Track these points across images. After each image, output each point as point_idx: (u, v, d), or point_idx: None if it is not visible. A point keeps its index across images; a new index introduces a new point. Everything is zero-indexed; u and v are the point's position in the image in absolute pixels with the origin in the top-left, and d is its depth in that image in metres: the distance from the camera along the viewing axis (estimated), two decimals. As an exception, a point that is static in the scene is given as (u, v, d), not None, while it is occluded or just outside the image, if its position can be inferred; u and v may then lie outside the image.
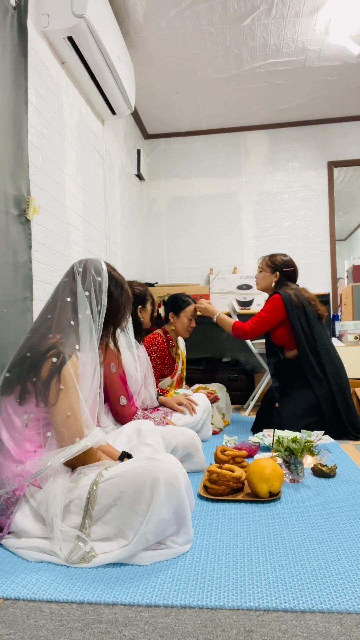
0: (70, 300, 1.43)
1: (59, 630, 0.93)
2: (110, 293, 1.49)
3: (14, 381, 1.35)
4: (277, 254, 2.91)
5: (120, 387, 2.01)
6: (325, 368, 2.64)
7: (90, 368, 1.39)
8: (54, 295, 1.47)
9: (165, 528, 1.21)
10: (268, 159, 4.54)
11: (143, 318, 2.40)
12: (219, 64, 3.46)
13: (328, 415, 2.57)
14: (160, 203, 4.68)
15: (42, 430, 1.32)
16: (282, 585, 1.07)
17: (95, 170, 3.08)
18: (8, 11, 1.93)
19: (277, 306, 2.72)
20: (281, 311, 2.71)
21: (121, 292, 1.54)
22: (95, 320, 1.43)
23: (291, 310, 2.68)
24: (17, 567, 1.19)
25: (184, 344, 3.05)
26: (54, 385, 1.30)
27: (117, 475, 1.23)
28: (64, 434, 1.29)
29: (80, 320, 1.40)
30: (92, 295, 1.44)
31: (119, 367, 2.03)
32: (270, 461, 1.64)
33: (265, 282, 2.89)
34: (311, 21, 3.02)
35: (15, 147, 1.95)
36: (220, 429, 2.87)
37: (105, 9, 2.53)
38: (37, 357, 1.33)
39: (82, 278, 1.45)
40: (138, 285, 2.42)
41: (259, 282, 2.94)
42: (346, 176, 5.43)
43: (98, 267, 1.48)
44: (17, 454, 1.31)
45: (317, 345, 2.67)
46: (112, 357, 2.00)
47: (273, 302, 2.74)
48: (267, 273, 2.87)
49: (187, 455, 1.92)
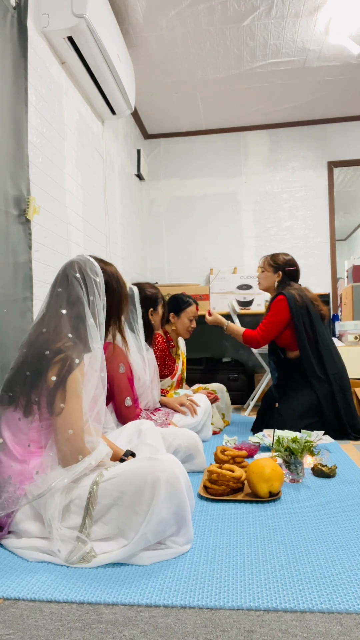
0: (67, 312, 1.37)
1: (59, 630, 0.93)
2: (110, 288, 1.48)
3: (17, 398, 1.33)
4: (279, 253, 2.88)
5: (127, 388, 1.99)
6: (327, 369, 2.63)
7: (98, 372, 1.37)
8: (47, 308, 1.41)
9: (166, 528, 1.21)
10: (268, 159, 4.54)
11: (154, 321, 2.39)
12: (219, 64, 3.46)
13: (328, 415, 2.57)
14: (160, 203, 4.68)
15: (45, 432, 1.32)
16: (282, 585, 1.07)
17: (95, 170, 3.08)
18: (8, 11, 1.93)
19: (282, 308, 2.69)
20: (286, 312, 2.68)
21: (117, 282, 1.52)
22: (101, 323, 1.40)
23: (295, 311, 2.66)
24: (17, 567, 1.19)
25: (184, 344, 3.04)
26: (59, 398, 1.28)
27: (117, 475, 1.23)
28: (66, 453, 1.27)
29: (88, 327, 1.37)
30: (96, 299, 1.40)
31: (127, 368, 2.02)
32: (270, 461, 1.64)
33: (268, 282, 2.86)
34: (311, 21, 3.02)
35: (15, 147, 1.95)
36: (220, 429, 2.87)
37: (105, 9, 2.53)
38: (38, 371, 1.30)
39: (85, 286, 1.39)
40: (150, 287, 2.40)
41: (261, 282, 2.91)
42: (346, 176, 5.43)
43: (92, 266, 1.43)
44: (20, 454, 1.30)
45: (319, 346, 2.65)
46: (121, 358, 1.98)
47: (278, 305, 2.71)
48: (270, 273, 2.84)
49: (188, 456, 1.92)
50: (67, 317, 1.37)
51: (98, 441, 1.35)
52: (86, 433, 1.32)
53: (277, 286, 2.82)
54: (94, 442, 1.33)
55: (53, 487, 1.22)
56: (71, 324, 1.36)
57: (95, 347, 1.37)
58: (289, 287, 2.77)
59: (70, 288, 1.39)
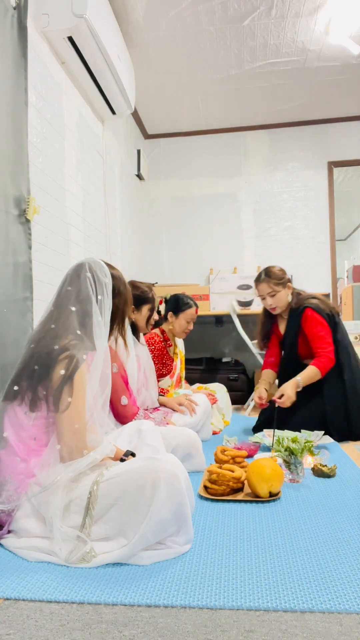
0: (76, 309, 1.40)
1: (59, 630, 0.93)
2: (117, 291, 1.50)
3: (24, 392, 1.34)
4: (269, 269, 2.67)
5: (122, 387, 2.01)
6: (344, 374, 2.56)
7: (101, 371, 1.38)
8: (55, 304, 1.44)
9: (166, 528, 1.21)
10: (268, 159, 4.54)
11: (135, 319, 2.35)
12: (219, 64, 3.46)
13: (336, 422, 2.49)
14: (160, 203, 4.68)
15: (48, 429, 1.32)
16: (282, 585, 1.07)
17: (95, 170, 3.08)
18: (8, 11, 1.93)
19: (320, 319, 2.56)
20: (325, 321, 2.57)
21: (124, 285, 1.56)
22: (107, 322, 1.43)
23: (328, 320, 2.58)
24: (17, 567, 1.19)
25: (182, 343, 3.04)
26: (66, 392, 1.29)
27: (118, 475, 1.23)
28: (72, 447, 1.28)
29: (94, 325, 1.40)
30: (104, 298, 1.43)
31: (120, 367, 2.03)
32: (270, 461, 1.64)
33: (284, 300, 2.65)
34: (311, 21, 3.02)
35: (15, 147, 1.95)
36: (220, 429, 2.87)
37: (105, 9, 2.53)
38: (46, 365, 1.32)
39: (95, 285, 1.43)
40: (140, 287, 2.36)
41: (276, 305, 2.65)
42: (346, 176, 5.43)
43: (102, 268, 1.48)
44: (22, 452, 1.31)
45: (339, 350, 2.58)
46: (113, 358, 2.00)
47: (313, 319, 2.56)
48: (282, 290, 2.63)
49: (187, 455, 1.91)
50: (76, 314, 1.40)
51: (102, 438, 1.35)
52: (90, 431, 1.33)
53: (290, 299, 2.67)
54: (98, 440, 1.34)
55: (58, 480, 1.23)
56: (79, 320, 1.40)
57: (100, 344, 1.39)
58: (300, 296, 2.66)
59: (81, 286, 1.43)
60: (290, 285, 2.68)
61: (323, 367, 2.49)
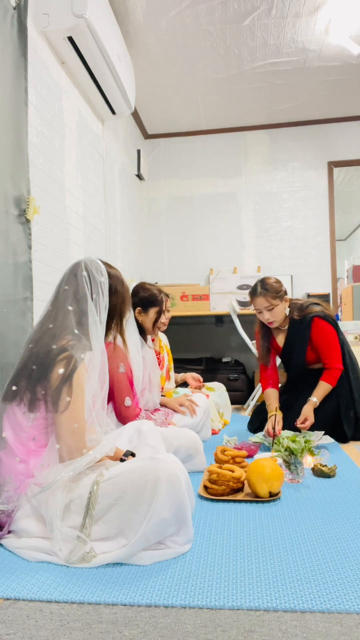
0: (74, 308, 1.41)
1: (59, 630, 0.93)
2: (114, 290, 1.51)
3: (22, 392, 1.34)
4: (266, 280, 2.56)
5: (127, 387, 2.00)
6: (350, 376, 2.56)
7: (99, 370, 1.38)
8: (53, 304, 1.45)
9: (166, 528, 1.21)
10: (268, 159, 4.54)
11: (141, 321, 2.38)
12: (219, 64, 3.46)
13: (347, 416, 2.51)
14: (160, 203, 4.68)
15: (47, 430, 1.32)
16: (282, 585, 1.07)
17: (95, 170, 3.08)
18: (8, 11, 1.93)
19: (329, 328, 2.53)
20: (334, 330, 2.54)
21: (122, 284, 1.56)
22: (102, 321, 1.43)
23: (335, 327, 2.57)
24: (17, 567, 1.19)
25: (166, 338, 3.01)
26: (65, 392, 1.29)
27: (118, 475, 1.23)
28: (72, 446, 1.28)
29: (90, 324, 1.40)
30: (99, 297, 1.44)
31: (127, 368, 2.02)
32: (270, 461, 1.64)
33: (282, 314, 2.56)
34: (311, 21, 3.02)
35: (15, 147, 1.95)
36: (220, 429, 2.87)
37: (105, 9, 2.53)
38: (45, 365, 1.32)
39: (90, 284, 1.44)
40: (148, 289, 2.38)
41: (274, 319, 2.54)
42: (346, 176, 5.43)
43: (99, 267, 1.48)
44: (21, 453, 1.31)
45: (345, 354, 2.57)
46: (121, 358, 1.98)
47: (324, 329, 2.52)
48: (280, 304, 2.53)
49: (188, 456, 1.91)
50: (73, 313, 1.40)
51: (101, 437, 1.35)
52: (89, 431, 1.33)
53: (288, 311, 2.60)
54: (98, 439, 1.34)
55: (58, 480, 1.23)
56: (77, 319, 1.40)
57: (96, 344, 1.39)
58: (300, 306, 2.61)
59: (77, 285, 1.43)
60: (287, 298, 2.58)
61: (333, 380, 2.49)
